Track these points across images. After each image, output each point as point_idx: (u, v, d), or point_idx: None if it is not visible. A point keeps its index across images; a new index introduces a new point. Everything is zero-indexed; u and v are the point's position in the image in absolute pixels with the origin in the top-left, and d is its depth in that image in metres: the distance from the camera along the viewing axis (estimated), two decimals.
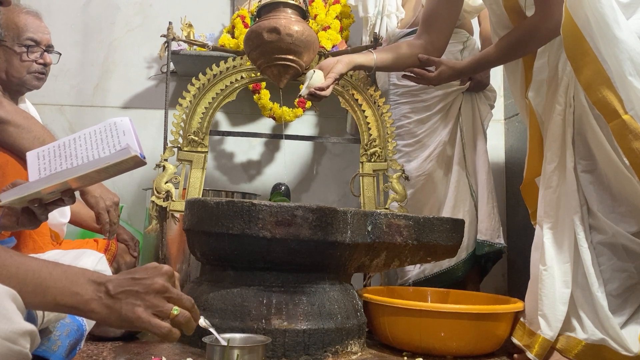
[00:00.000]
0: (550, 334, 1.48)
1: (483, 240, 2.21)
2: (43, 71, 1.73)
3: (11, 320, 0.71)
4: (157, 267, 0.86)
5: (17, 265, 0.80)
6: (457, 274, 2.23)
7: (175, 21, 2.45)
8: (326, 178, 2.96)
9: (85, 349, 1.46)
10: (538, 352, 1.49)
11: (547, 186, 1.58)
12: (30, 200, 1.01)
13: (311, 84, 1.77)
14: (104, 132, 1.05)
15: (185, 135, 2.06)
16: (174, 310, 0.83)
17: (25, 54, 1.68)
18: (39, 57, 1.71)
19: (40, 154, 1.07)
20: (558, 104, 1.55)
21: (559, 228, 1.55)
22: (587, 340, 1.45)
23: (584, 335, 1.46)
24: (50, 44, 1.76)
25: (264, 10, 1.99)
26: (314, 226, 1.49)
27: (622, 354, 1.39)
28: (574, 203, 1.51)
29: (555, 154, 1.56)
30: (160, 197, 1.98)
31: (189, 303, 0.86)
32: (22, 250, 1.41)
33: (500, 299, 1.85)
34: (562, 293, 1.49)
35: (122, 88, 2.93)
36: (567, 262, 1.51)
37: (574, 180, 1.51)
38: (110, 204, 1.56)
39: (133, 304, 0.81)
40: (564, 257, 1.52)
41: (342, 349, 1.53)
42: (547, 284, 1.51)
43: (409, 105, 2.33)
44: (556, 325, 1.49)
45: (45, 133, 1.51)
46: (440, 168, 2.30)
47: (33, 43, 1.69)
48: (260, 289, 1.51)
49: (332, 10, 2.76)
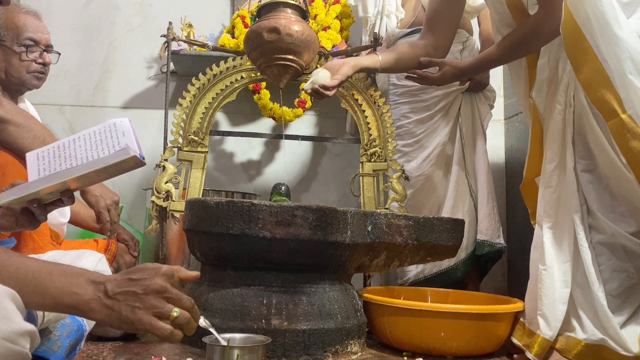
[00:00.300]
0: (550, 333, 1.48)
1: (483, 240, 2.22)
2: (42, 70, 1.73)
3: (11, 320, 0.71)
4: (156, 267, 0.85)
5: (16, 266, 0.80)
6: (457, 274, 2.23)
7: (175, 21, 2.45)
8: (326, 178, 2.96)
9: (85, 349, 1.46)
10: (537, 352, 1.49)
11: (547, 185, 1.58)
12: (29, 200, 1.01)
13: (316, 80, 1.78)
14: (103, 132, 1.06)
15: (185, 135, 2.06)
16: (174, 312, 0.82)
17: (24, 53, 1.68)
18: (38, 56, 1.71)
19: (40, 154, 1.07)
20: (558, 103, 1.55)
21: (558, 227, 1.55)
22: (586, 340, 1.45)
23: (584, 335, 1.46)
24: (49, 44, 1.76)
25: (264, 10, 1.99)
26: (314, 226, 1.49)
27: (622, 354, 1.39)
28: (574, 202, 1.50)
29: (556, 153, 1.56)
30: (160, 197, 1.98)
31: (188, 303, 0.85)
32: (22, 251, 1.41)
33: (500, 299, 1.85)
34: (561, 293, 1.49)
35: (122, 88, 2.93)
36: (567, 262, 1.51)
37: (574, 180, 1.51)
38: (110, 203, 1.56)
39: (132, 305, 0.81)
40: (564, 256, 1.52)
41: (342, 349, 1.53)
42: (546, 284, 1.51)
43: (408, 105, 2.33)
44: (555, 325, 1.49)
45: (45, 132, 1.51)
46: (440, 168, 2.30)
47: (32, 43, 1.69)
48: (260, 289, 1.51)
49: (332, 10, 2.76)
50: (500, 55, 1.71)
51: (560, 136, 1.55)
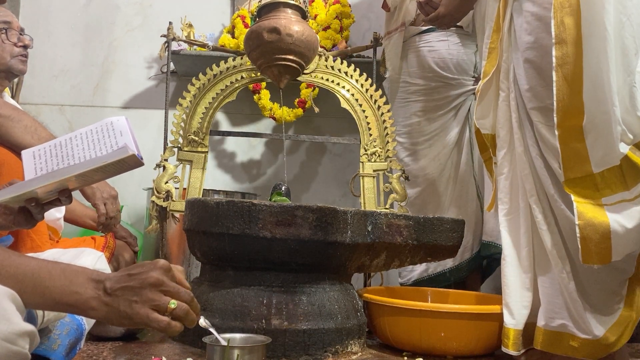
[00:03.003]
0: (513, 321, 1.46)
1: (489, 241, 2.21)
2: (24, 53, 1.74)
3: (10, 320, 0.71)
4: (153, 262, 0.86)
5: (15, 265, 0.80)
6: (461, 273, 2.24)
7: (175, 21, 2.45)
8: (326, 178, 2.96)
9: (85, 348, 1.46)
10: (513, 345, 1.46)
11: (500, 173, 1.57)
12: (27, 199, 1.01)
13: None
14: (100, 131, 1.05)
15: (185, 135, 2.06)
16: (171, 304, 0.82)
17: (3, 35, 1.68)
18: (17, 41, 1.72)
19: (36, 153, 1.07)
20: (501, 90, 1.54)
21: (513, 214, 1.53)
22: (546, 328, 1.42)
23: (542, 322, 1.43)
24: (21, 27, 1.76)
25: (264, 10, 1.99)
26: (314, 226, 1.49)
27: (581, 337, 1.37)
28: (528, 186, 1.47)
29: (504, 140, 1.54)
30: (160, 197, 1.98)
31: (187, 296, 0.85)
32: (21, 250, 1.41)
33: (500, 299, 1.84)
34: (524, 278, 1.48)
35: (122, 88, 2.93)
36: (526, 247, 1.49)
37: (525, 164, 1.48)
38: (107, 197, 1.55)
39: (129, 300, 0.80)
40: (523, 241, 1.49)
41: (342, 349, 1.53)
42: (508, 272, 1.50)
43: (420, 103, 2.32)
44: (522, 312, 1.46)
45: (35, 123, 1.50)
46: (448, 168, 2.30)
47: (6, 25, 1.70)
48: (261, 289, 1.51)
49: (332, 10, 2.76)
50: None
51: (507, 122, 1.54)
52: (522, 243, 1.50)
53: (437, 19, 1.94)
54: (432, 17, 1.94)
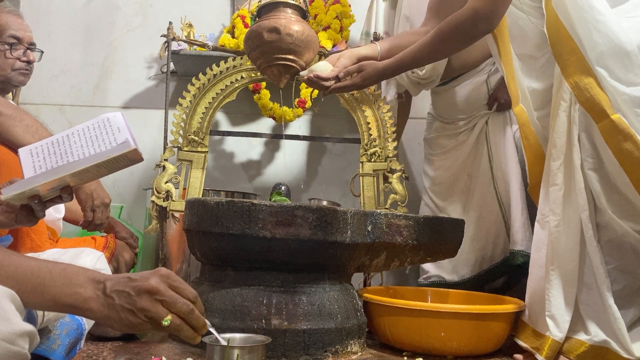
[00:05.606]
0: (560, 335, 1.46)
1: (519, 250, 2.15)
2: (27, 68, 1.76)
3: (9, 321, 0.71)
4: (156, 270, 0.85)
5: (15, 265, 0.80)
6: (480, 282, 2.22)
7: (175, 21, 2.44)
8: (326, 178, 2.96)
9: (85, 348, 1.46)
10: (548, 354, 1.47)
11: (552, 183, 1.54)
12: (30, 196, 1.01)
13: (313, 69, 1.77)
14: (97, 128, 1.05)
15: (185, 135, 2.06)
16: (164, 321, 0.80)
17: (8, 51, 1.70)
18: (22, 54, 1.73)
19: (34, 150, 1.06)
20: (563, 100, 1.51)
21: (565, 226, 1.51)
22: (590, 342, 1.43)
23: (587, 337, 1.44)
24: (32, 42, 1.78)
25: (264, 10, 1.99)
26: (314, 226, 1.49)
27: (624, 356, 1.38)
28: (581, 201, 1.46)
29: (561, 150, 1.51)
30: (160, 197, 1.98)
31: (185, 307, 0.82)
32: (20, 249, 1.41)
33: (500, 299, 1.85)
34: (568, 293, 1.48)
35: (122, 88, 2.93)
36: (574, 262, 1.48)
37: (581, 178, 1.47)
38: (98, 204, 1.55)
39: (124, 306, 0.79)
40: (571, 256, 1.49)
41: (342, 349, 1.53)
42: (555, 285, 1.49)
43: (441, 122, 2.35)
44: (564, 327, 1.47)
45: (36, 123, 1.50)
46: (461, 179, 2.29)
47: (15, 41, 1.71)
48: (260, 289, 1.51)
49: (332, 10, 2.76)
50: (422, 53, 1.65)
51: (566, 133, 1.51)
52: (571, 257, 1.49)
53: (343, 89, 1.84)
54: (344, 86, 1.82)
